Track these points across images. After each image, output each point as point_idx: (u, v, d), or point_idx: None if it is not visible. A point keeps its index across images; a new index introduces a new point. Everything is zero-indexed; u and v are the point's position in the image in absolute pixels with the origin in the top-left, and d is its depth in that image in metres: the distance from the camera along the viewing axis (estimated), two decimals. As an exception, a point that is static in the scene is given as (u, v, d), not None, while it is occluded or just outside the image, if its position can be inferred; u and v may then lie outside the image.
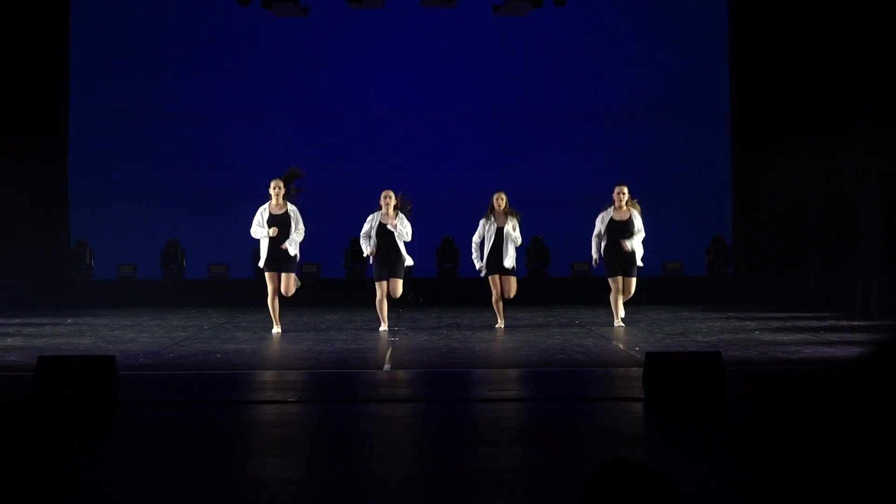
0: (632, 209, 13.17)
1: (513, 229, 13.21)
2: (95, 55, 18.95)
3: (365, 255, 13.17)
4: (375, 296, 13.08)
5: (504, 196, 13.36)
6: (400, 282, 13.05)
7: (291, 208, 12.75)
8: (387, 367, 9.85)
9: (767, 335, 12.26)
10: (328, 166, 18.74)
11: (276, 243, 12.58)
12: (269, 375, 9.62)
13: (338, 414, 7.56)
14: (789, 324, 13.65)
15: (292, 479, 5.55)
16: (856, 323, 13.75)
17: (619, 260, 13.15)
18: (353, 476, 5.56)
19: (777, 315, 14.96)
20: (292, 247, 12.65)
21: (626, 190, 13.19)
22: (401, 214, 13.00)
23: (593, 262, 13.54)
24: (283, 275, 12.72)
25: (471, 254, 13.39)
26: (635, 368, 9.13)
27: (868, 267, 15.25)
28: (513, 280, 13.32)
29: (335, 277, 18.53)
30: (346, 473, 5.61)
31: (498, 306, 13.41)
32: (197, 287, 18.37)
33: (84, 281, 18.42)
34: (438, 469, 5.78)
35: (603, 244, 13.22)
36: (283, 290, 12.75)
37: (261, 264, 12.82)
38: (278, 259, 12.67)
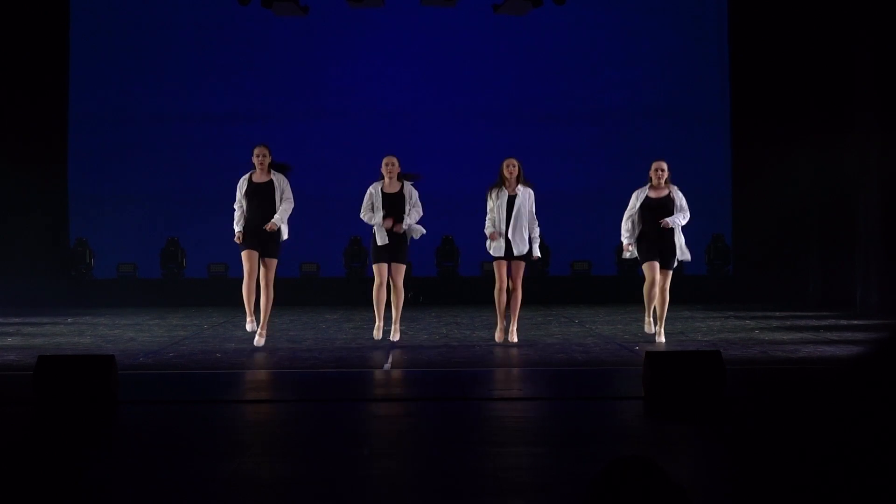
0: (673, 187, 11.55)
1: (528, 199, 11.22)
2: (95, 54, 18.95)
3: (383, 224, 11.08)
4: (374, 283, 11.29)
5: (516, 163, 11.28)
6: (403, 268, 11.24)
7: (276, 176, 11.10)
8: (387, 366, 9.85)
9: (767, 334, 12.25)
10: (327, 165, 18.73)
11: (259, 218, 10.91)
12: (268, 375, 9.61)
13: (338, 413, 7.55)
14: (789, 323, 13.65)
15: (292, 479, 5.55)
16: (856, 322, 13.75)
17: (656, 245, 11.38)
18: (353, 475, 5.56)
19: (777, 314, 14.96)
20: (283, 225, 10.94)
21: (665, 166, 11.53)
22: (408, 185, 11.25)
23: (625, 250, 11.57)
24: (264, 261, 10.93)
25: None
26: (635, 367, 9.12)
27: (868, 266, 15.25)
28: (522, 266, 11.35)
29: (335, 277, 18.53)
30: (346, 473, 5.61)
31: (501, 300, 11.31)
32: (197, 286, 18.36)
33: (84, 280, 18.42)
34: (438, 468, 5.78)
35: (637, 229, 11.45)
36: (262, 282, 10.92)
37: (236, 239, 11.01)
38: (260, 237, 10.93)
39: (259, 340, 11.15)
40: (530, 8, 16.38)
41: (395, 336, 11.46)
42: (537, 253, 11.43)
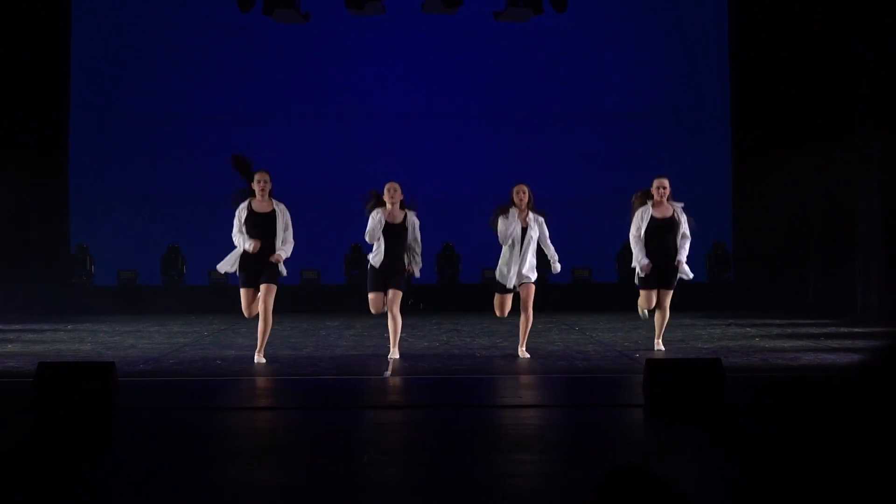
0: (675, 205, 11.31)
1: (541, 228, 11.00)
2: (96, 61, 18.97)
3: (377, 262, 10.87)
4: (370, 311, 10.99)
5: (527, 189, 10.97)
6: (400, 294, 10.89)
7: (279, 206, 10.50)
8: (387, 373, 9.84)
9: (768, 342, 12.25)
10: (329, 171, 18.75)
11: (258, 252, 10.37)
12: (268, 382, 9.61)
13: (338, 420, 7.55)
14: (789, 330, 13.65)
15: (292, 486, 5.55)
16: (856, 329, 13.74)
17: (657, 268, 11.18)
18: (352, 483, 5.56)
19: (777, 321, 14.95)
20: (282, 265, 10.45)
21: (667, 183, 11.22)
22: (411, 215, 10.91)
23: (643, 269, 11.17)
24: (263, 286, 10.40)
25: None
26: (635, 375, 9.11)
27: (868, 273, 15.25)
28: (532, 289, 11.07)
29: (335, 283, 18.52)
30: (346, 480, 5.61)
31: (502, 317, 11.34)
32: (197, 293, 18.35)
33: (84, 287, 18.42)
34: (438, 475, 5.77)
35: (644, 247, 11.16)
36: (261, 306, 10.42)
37: (231, 268, 10.54)
38: (259, 269, 10.44)
39: (259, 356, 10.59)
40: (531, 15, 16.38)
41: (394, 355, 10.96)
42: (558, 267, 11.25)
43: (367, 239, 10.94)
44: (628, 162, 18.71)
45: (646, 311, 11.39)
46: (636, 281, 11.35)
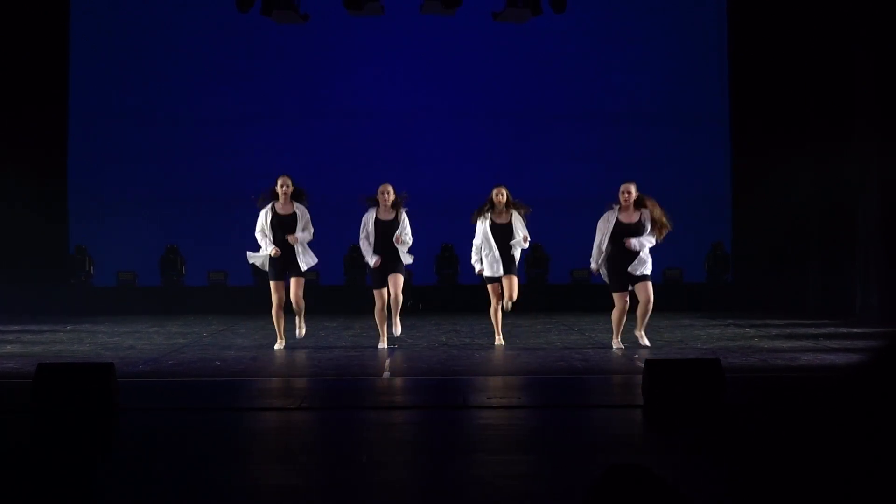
0: (643, 210, 11.32)
1: (520, 228, 11.72)
2: (96, 61, 18.96)
3: (372, 264, 11.68)
4: (375, 305, 11.77)
5: (505, 190, 11.81)
6: (401, 278, 11.67)
7: (299, 208, 11.68)
8: (386, 374, 9.84)
9: (767, 342, 12.25)
10: (328, 172, 18.73)
11: (282, 247, 11.53)
12: (268, 383, 9.61)
13: (337, 421, 7.55)
14: (788, 331, 13.64)
15: (291, 487, 5.55)
16: (855, 330, 13.74)
17: (625, 269, 11.28)
18: (352, 483, 5.56)
19: (776, 322, 14.95)
20: (302, 256, 11.61)
21: (632, 189, 11.33)
22: (402, 213, 11.71)
23: (593, 271, 11.58)
24: (293, 279, 11.60)
25: (470, 259, 12.12)
26: (634, 375, 9.11)
27: (867, 274, 15.25)
28: (515, 280, 11.78)
29: (334, 284, 18.51)
30: (345, 480, 5.61)
31: (497, 318, 12.06)
32: (196, 294, 18.35)
33: (83, 288, 18.41)
34: (437, 476, 5.77)
35: (606, 253, 11.35)
36: (292, 297, 11.57)
37: (259, 263, 11.80)
38: (284, 264, 11.57)
39: (300, 333, 11.98)
40: (529, 16, 16.37)
41: (396, 330, 11.93)
42: (525, 245, 11.85)
43: (360, 244, 11.85)
44: (628, 162, 18.68)
45: (621, 343, 11.52)
46: (607, 279, 11.52)
